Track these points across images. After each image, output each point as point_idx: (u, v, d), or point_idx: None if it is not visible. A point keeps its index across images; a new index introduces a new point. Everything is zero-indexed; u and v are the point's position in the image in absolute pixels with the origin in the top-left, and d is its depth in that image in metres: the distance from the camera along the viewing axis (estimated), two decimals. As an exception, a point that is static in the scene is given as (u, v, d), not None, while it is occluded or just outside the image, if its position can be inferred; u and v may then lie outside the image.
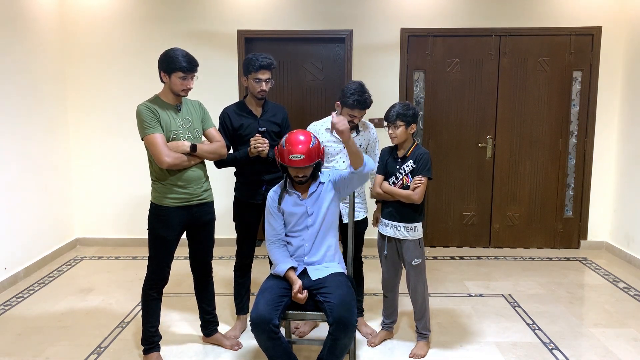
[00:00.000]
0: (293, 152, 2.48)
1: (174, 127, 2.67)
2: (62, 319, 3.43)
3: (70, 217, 4.97)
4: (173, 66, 2.59)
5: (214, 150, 2.79)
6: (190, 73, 2.64)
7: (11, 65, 4.06)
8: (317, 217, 2.61)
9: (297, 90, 4.92)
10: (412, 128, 2.84)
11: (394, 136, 2.85)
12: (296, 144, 2.49)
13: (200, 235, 2.88)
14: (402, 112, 2.80)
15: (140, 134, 2.63)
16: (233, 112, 3.02)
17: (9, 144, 4.03)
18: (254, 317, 2.38)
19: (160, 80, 2.69)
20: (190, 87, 2.67)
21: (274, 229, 2.67)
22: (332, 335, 2.38)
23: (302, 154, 2.47)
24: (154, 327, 2.84)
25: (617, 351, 2.99)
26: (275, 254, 2.63)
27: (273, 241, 2.67)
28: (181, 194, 2.71)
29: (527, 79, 4.82)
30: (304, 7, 4.76)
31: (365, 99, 2.87)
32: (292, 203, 2.64)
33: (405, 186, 2.84)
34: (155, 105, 2.65)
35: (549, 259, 4.71)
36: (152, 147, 2.59)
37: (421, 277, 2.93)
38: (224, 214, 4.38)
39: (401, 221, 2.87)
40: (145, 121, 2.59)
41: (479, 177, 4.96)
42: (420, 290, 2.93)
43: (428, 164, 2.81)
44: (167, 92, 2.69)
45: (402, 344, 3.08)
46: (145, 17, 4.77)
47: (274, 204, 2.66)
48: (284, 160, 2.53)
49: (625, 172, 4.71)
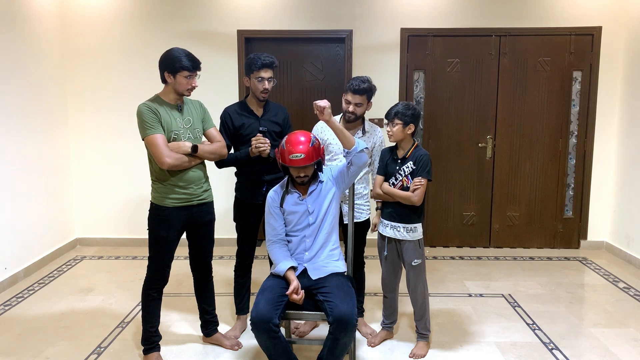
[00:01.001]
0: (293, 152, 2.50)
1: (175, 127, 2.67)
2: (62, 319, 3.43)
3: (70, 217, 4.97)
4: (178, 66, 2.60)
5: (215, 150, 2.79)
6: (195, 72, 2.65)
7: (11, 65, 4.05)
8: (317, 214, 2.63)
9: (297, 90, 4.92)
10: (410, 128, 2.84)
11: (390, 134, 2.87)
12: (296, 144, 2.52)
13: (200, 236, 2.88)
14: (402, 111, 2.82)
15: (141, 134, 2.63)
16: (234, 112, 3.02)
17: (8, 144, 4.03)
18: (254, 317, 2.39)
19: (163, 81, 2.68)
20: (195, 86, 2.68)
21: (275, 228, 2.68)
22: (332, 334, 2.38)
23: (302, 154, 2.50)
24: (154, 327, 2.84)
25: (617, 351, 2.99)
26: (275, 254, 2.64)
27: (274, 241, 2.68)
28: (181, 194, 2.71)
29: (527, 79, 4.82)
30: (304, 7, 4.76)
31: (359, 84, 2.91)
32: (293, 202, 2.66)
33: (405, 187, 2.84)
34: (156, 105, 2.64)
35: (549, 259, 4.71)
36: (153, 147, 2.59)
37: (421, 277, 2.93)
38: (224, 214, 4.38)
39: (401, 222, 2.87)
40: (146, 121, 2.59)
41: (479, 177, 4.96)
42: (420, 291, 2.93)
43: (428, 165, 2.82)
44: (169, 92, 2.69)
45: (402, 344, 3.07)
46: (145, 17, 4.77)
47: (275, 204, 2.68)
48: (284, 160, 2.55)
49: (625, 172, 4.71)
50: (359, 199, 3.08)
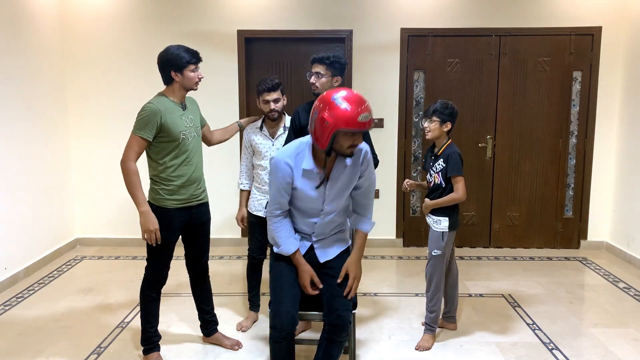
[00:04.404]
0: (363, 112, 2.09)
1: (182, 128, 2.67)
2: (62, 319, 3.43)
3: (70, 217, 4.97)
4: (185, 62, 2.61)
5: None
6: (199, 62, 2.69)
7: (11, 66, 4.05)
8: (333, 203, 2.34)
9: (297, 90, 4.92)
10: (447, 126, 2.92)
11: (427, 130, 2.96)
12: (361, 102, 2.11)
13: (197, 236, 2.88)
14: (440, 109, 2.92)
15: (135, 127, 2.61)
16: (303, 110, 3.03)
17: (8, 144, 4.03)
18: (277, 327, 2.22)
19: (167, 81, 2.67)
20: (202, 77, 2.73)
21: (279, 202, 2.32)
22: (327, 334, 2.33)
23: (370, 113, 2.12)
24: (153, 327, 2.84)
25: (617, 351, 2.98)
26: (280, 231, 2.35)
27: (276, 215, 2.35)
28: (183, 194, 2.72)
29: (527, 79, 4.82)
30: (304, 7, 4.76)
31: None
32: (310, 185, 2.28)
33: (435, 184, 2.96)
34: (165, 105, 2.62)
35: (549, 259, 4.71)
36: (129, 147, 2.59)
37: (437, 269, 2.98)
38: (224, 214, 4.39)
39: (431, 212, 3.00)
40: (144, 123, 2.57)
41: (479, 177, 4.95)
42: (434, 282, 2.99)
43: (457, 162, 2.89)
44: (176, 90, 2.68)
45: (407, 340, 3.07)
46: (145, 17, 4.77)
47: (288, 178, 2.26)
48: (349, 124, 2.08)
49: (625, 172, 4.71)
50: None
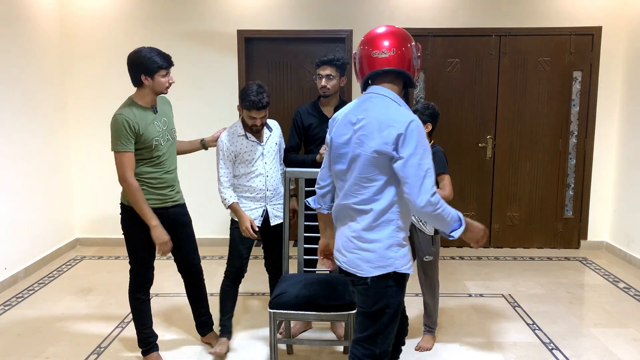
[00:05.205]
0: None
1: (155, 134, 2.63)
2: (62, 319, 3.43)
3: (70, 217, 4.97)
4: (156, 66, 2.55)
5: None
6: (170, 67, 2.62)
7: (11, 66, 4.05)
8: None
9: (297, 90, 4.92)
10: (427, 127, 2.91)
11: None
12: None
13: (182, 239, 2.82)
14: (420, 110, 2.90)
15: (113, 145, 2.57)
16: (305, 111, 3.02)
17: (8, 144, 4.03)
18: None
19: (137, 84, 2.62)
20: (173, 82, 2.65)
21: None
22: None
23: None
24: (148, 328, 2.83)
25: (617, 351, 2.99)
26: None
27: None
28: (157, 196, 2.69)
29: (527, 79, 4.82)
30: (304, 7, 4.76)
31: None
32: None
33: None
34: (134, 114, 2.57)
35: (549, 259, 4.71)
36: (121, 165, 2.56)
37: (432, 275, 2.97)
38: (225, 214, 4.37)
39: None
40: (122, 136, 2.53)
41: (479, 177, 4.95)
42: (431, 284, 2.98)
43: (442, 160, 2.88)
44: (146, 94, 2.62)
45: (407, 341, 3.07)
46: (145, 17, 4.77)
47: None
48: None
49: (625, 172, 4.71)
50: (279, 198, 2.97)
